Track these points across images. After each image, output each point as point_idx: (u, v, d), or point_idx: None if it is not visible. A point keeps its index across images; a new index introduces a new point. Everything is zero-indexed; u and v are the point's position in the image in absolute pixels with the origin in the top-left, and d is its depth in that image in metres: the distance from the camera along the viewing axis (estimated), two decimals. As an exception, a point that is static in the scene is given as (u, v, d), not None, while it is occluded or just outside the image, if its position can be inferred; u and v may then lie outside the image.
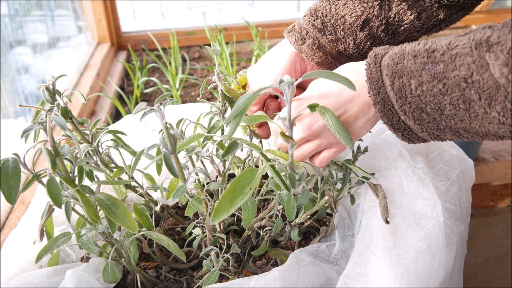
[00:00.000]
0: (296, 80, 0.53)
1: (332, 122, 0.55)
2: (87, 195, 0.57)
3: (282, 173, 0.58)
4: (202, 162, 0.76)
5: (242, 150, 0.81)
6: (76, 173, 0.59)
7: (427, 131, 0.55)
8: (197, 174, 0.69)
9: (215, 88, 1.66)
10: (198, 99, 0.73)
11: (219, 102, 0.72)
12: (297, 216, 0.73)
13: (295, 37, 0.70)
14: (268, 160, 0.58)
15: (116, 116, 1.51)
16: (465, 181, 0.73)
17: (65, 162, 0.57)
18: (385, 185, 0.68)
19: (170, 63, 1.83)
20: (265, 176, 0.84)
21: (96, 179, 0.61)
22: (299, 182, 0.56)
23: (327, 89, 0.59)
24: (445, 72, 0.48)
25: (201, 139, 0.68)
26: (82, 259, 0.68)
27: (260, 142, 0.78)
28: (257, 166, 0.93)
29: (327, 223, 0.78)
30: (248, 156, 0.78)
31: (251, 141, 0.76)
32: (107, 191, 0.80)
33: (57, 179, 0.55)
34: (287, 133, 0.55)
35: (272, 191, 0.77)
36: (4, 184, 0.50)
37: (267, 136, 0.75)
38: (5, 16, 1.15)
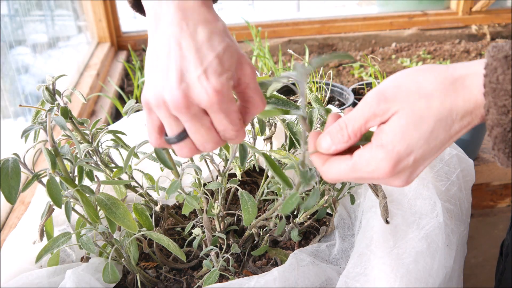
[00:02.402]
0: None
1: None
2: (87, 195, 0.57)
3: (289, 170, 0.58)
4: (206, 161, 0.76)
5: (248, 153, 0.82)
6: (76, 173, 0.59)
7: None
8: (196, 172, 0.69)
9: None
10: None
11: None
12: (297, 216, 0.73)
13: None
14: (272, 161, 0.57)
15: (116, 116, 1.51)
16: (465, 181, 0.73)
17: (65, 162, 0.57)
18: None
19: (170, 63, 1.83)
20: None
21: (96, 179, 0.61)
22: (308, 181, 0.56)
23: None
24: None
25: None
26: (82, 259, 0.68)
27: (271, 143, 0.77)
28: (260, 168, 0.93)
29: (327, 223, 0.78)
30: (251, 156, 0.78)
31: (254, 142, 0.76)
32: (107, 191, 0.80)
33: (57, 179, 0.55)
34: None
35: (273, 191, 0.77)
36: (4, 184, 0.50)
37: None
38: (5, 16, 1.15)
